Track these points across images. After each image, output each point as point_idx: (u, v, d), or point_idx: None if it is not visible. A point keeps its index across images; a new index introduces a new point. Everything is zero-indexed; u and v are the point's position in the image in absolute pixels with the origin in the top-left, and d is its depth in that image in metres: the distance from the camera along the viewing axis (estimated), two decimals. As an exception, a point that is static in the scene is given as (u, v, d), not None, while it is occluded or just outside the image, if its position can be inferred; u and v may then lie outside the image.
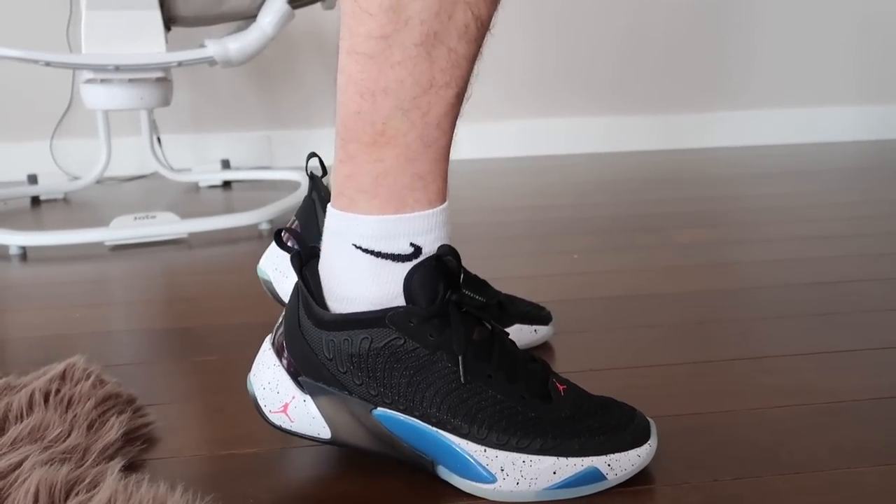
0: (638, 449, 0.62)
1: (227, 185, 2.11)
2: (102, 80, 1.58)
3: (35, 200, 1.95)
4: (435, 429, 0.60)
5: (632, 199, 1.78)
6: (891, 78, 2.59)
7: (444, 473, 0.62)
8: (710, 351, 0.89)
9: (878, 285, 1.10)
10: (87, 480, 0.59)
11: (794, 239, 1.37)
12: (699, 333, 0.94)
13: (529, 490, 0.60)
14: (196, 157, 2.29)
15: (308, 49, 2.31)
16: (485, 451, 0.60)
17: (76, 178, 2.09)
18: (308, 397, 0.63)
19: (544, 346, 0.90)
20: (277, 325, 0.66)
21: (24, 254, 1.42)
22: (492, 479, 0.60)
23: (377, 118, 0.58)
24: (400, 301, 0.60)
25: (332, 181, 0.63)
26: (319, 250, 0.64)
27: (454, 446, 0.60)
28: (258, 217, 1.53)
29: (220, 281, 1.24)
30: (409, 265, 0.60)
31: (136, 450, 0.68)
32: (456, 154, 0.63)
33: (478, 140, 2.40)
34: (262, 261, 0.87)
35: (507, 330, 0.86)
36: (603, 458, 0.60)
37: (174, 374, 0.87)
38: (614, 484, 0.61)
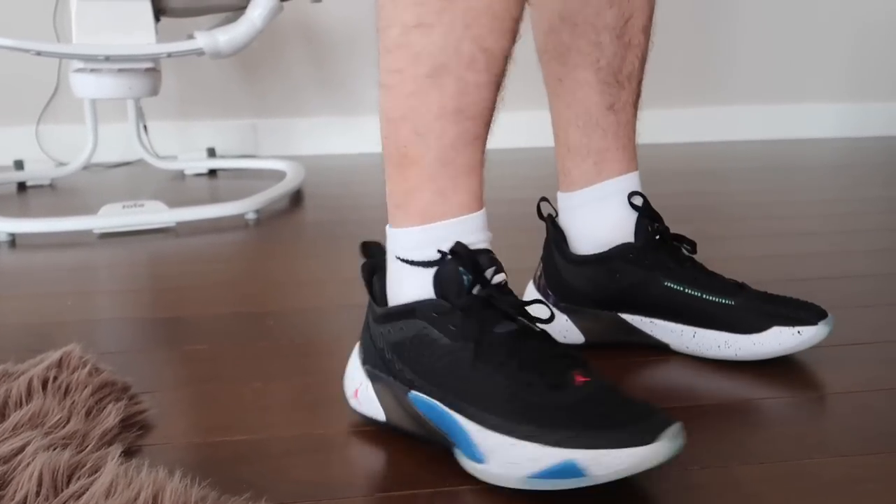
0: (630, 450, 0.57)
1: (212, 173, 2.12)
2: (92, 70, 1.60)
3: (21, 186, 1.95)
4: (450, 410, 0.64)
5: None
6: (869, 76, 2.63)
7: (457, 453, 0.65)
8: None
9: (847, 282, 1.14)
10: (88, 465, 0.61)
11: (766, 236, 1.41)
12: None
13: (511, 476, 0.60)
14: (182, 145, 2.30)
15: (294, 39, 2.33)
16: (481, 431, 0.62)
17: (62, 163, 2.09)
18: (369, 382, 0.71)
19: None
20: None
21: (13, 240, 1.43)
22: (481, 460, 0.62)
23: (400, 142, 0.67)
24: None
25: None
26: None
27: (461, 426, 0.63)
28: (245, 206, 1.55)
29: (208, 270, 1.26)
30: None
31: (132, 436, 0.71)
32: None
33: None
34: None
35: (767, 332, 0.84)
36: (583, 452, 0.57)
37: (166, 362, 0.89)
38: (594, 483, 0.57)
